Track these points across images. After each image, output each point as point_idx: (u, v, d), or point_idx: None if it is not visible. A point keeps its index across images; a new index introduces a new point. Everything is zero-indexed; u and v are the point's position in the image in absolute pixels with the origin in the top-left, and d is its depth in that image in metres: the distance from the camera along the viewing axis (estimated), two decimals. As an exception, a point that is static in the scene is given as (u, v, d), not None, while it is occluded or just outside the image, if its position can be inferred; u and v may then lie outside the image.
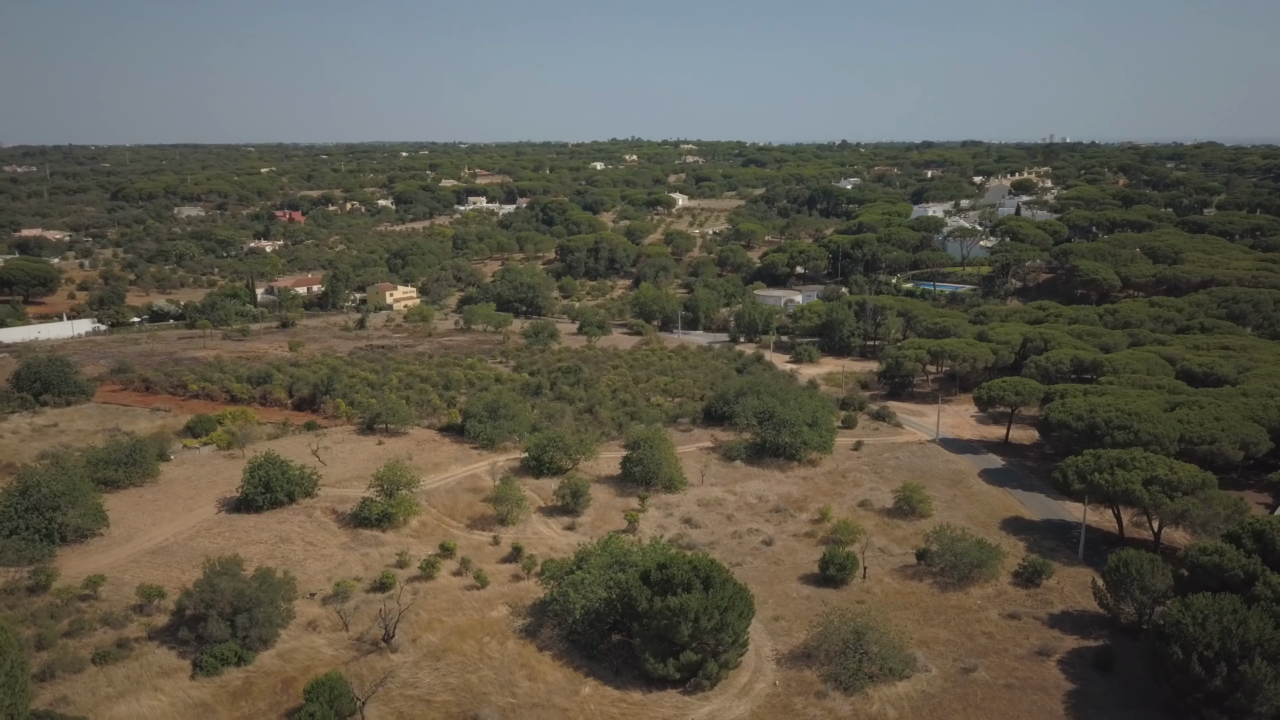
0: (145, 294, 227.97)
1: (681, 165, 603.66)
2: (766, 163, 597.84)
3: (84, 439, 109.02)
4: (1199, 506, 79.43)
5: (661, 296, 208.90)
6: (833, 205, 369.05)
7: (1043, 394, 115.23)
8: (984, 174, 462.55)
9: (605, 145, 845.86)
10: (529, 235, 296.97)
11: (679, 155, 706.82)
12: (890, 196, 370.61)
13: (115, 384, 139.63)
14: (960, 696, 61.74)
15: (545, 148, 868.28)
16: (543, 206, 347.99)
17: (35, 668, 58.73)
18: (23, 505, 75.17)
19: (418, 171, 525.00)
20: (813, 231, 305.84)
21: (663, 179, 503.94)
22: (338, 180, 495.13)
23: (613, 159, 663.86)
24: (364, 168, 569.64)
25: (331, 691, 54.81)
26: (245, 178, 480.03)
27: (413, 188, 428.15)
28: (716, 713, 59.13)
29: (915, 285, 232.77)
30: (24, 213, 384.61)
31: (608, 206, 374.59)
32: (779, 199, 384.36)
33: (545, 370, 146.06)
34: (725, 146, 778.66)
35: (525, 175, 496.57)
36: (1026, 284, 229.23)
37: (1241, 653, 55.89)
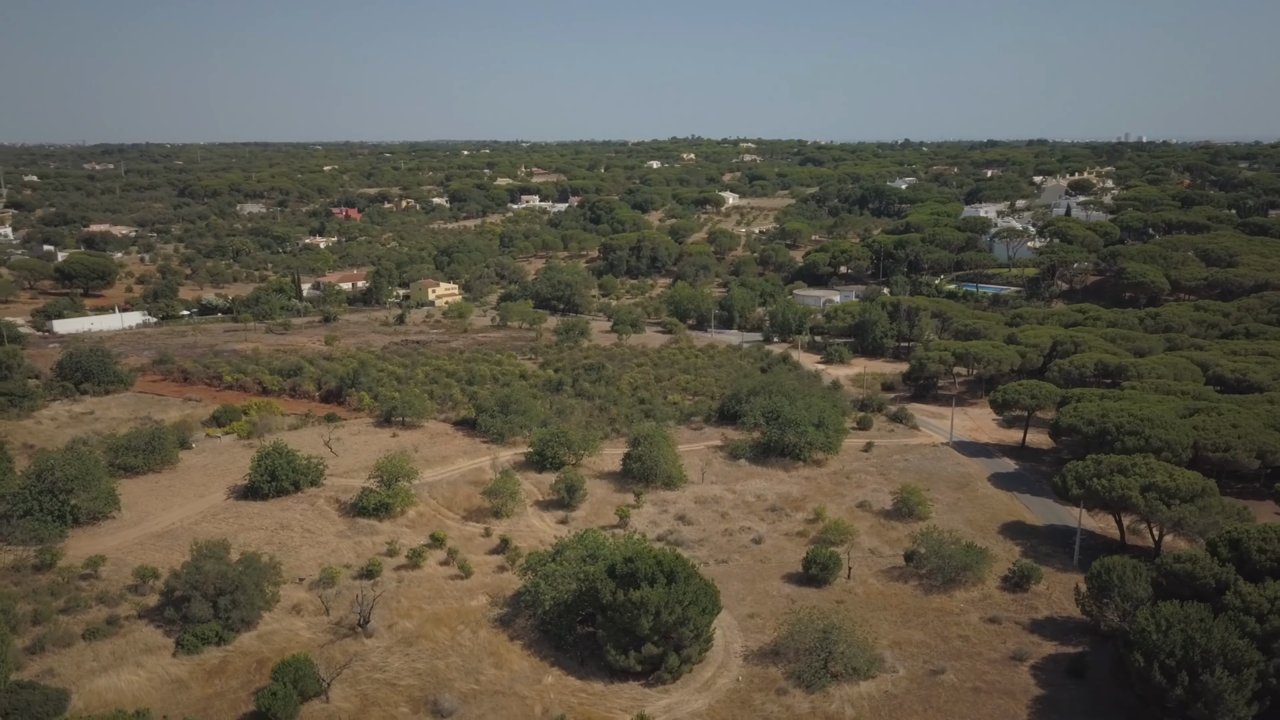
0: (199, 288, 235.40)
1: (739, 164, 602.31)
2: (824, 161, 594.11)
3: (116, 426, 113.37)
4: (1195, 514, 77.91)
5: (697, 295, 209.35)
6: (885, 205, 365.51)
7: (1059, 398, 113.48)
8: (1044, 174, 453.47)
9: (665, 144, 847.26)
10: (574, 233, 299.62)
11: (737, 154, 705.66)
12: (944, 196, 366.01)
13: (156, 374, 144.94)
14: (923, 698, 61.71)
15: (605, 146, 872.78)
16: (591, 205, 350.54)
17: (28, 641, 62.02)
18: (38, 488, 78.97)
19: (475, 170, 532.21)
20: (861, 231, 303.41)
21: (717, 178, 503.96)
22: (397, 178, 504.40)
23: (670, 157, 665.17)
24: (424, 166, 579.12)
25: (297, 672, 56.94)
26: (307, 175, 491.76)
27: (467, 186, 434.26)
28: (674, 705, 59.99)
29: (958, 286, 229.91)
30: (96, 209, 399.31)
31: (657, 205, 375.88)
32: (830, 198, 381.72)
33: (569, 367, 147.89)
34: (784, 145, 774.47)
35: (579, 174, 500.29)
36: (1074, 286, 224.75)
37: (1203, 662, 55.04)
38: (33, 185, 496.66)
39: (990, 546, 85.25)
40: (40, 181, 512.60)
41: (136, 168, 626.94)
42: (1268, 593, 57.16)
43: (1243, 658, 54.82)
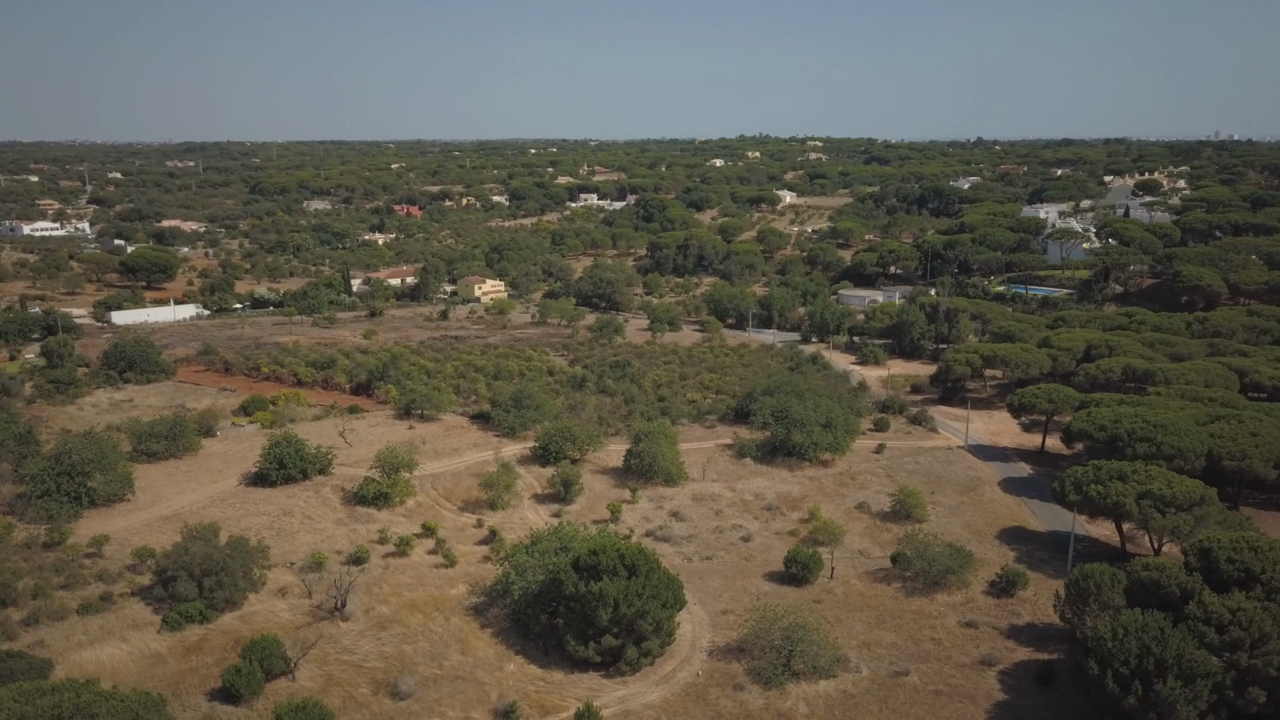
0: (257, 282, 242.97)
1: (803, 162, 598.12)
2: (889, 160, 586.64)
3: (152, 414, 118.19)
4: (1190, 523, 76.27)
5: (736, 294, 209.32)
6: (944, 205, 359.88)
7: (1078, 402, 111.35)
8: (1115, 173, 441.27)
9: (732, 142, 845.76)
10: (624, 231, 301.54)
11: (803, 152, 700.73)
12: (1005, 196, 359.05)
13: (199, 365, 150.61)
14: (880, 699, 61.72)
15: (671, 145, 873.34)
16: (644, 203, 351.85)
17: (25, 613, 65.69)
18: (56, 470, 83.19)
19: (537, 168, 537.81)
20: (916, 231, 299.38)
21: (779, 176, 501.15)
22: (461, 176, 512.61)
23: (735, 155, 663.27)
24: (488, 164, 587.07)
25: (264, 651, 59.39)
26: (374, 173, 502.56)
27: (527, 184, 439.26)
28: (629, 696, 61.02)
29: (1007, 288, 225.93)
30: (171, 205, 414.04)
31: (713, 204, 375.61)
32: (888, 197, 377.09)
33: (596, 364, 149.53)
34: (852, 144, 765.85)
35: (639, 172, 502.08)
36: (1128, 289, 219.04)
37: (1157, 671, 54.18)
38: (115, 182, 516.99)
39: (984, 551, 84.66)
40: (123, 178, 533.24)
41: (215, 165, 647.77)
42: (1230, 603, 55.96)
43: (1197, 668, 53.82)
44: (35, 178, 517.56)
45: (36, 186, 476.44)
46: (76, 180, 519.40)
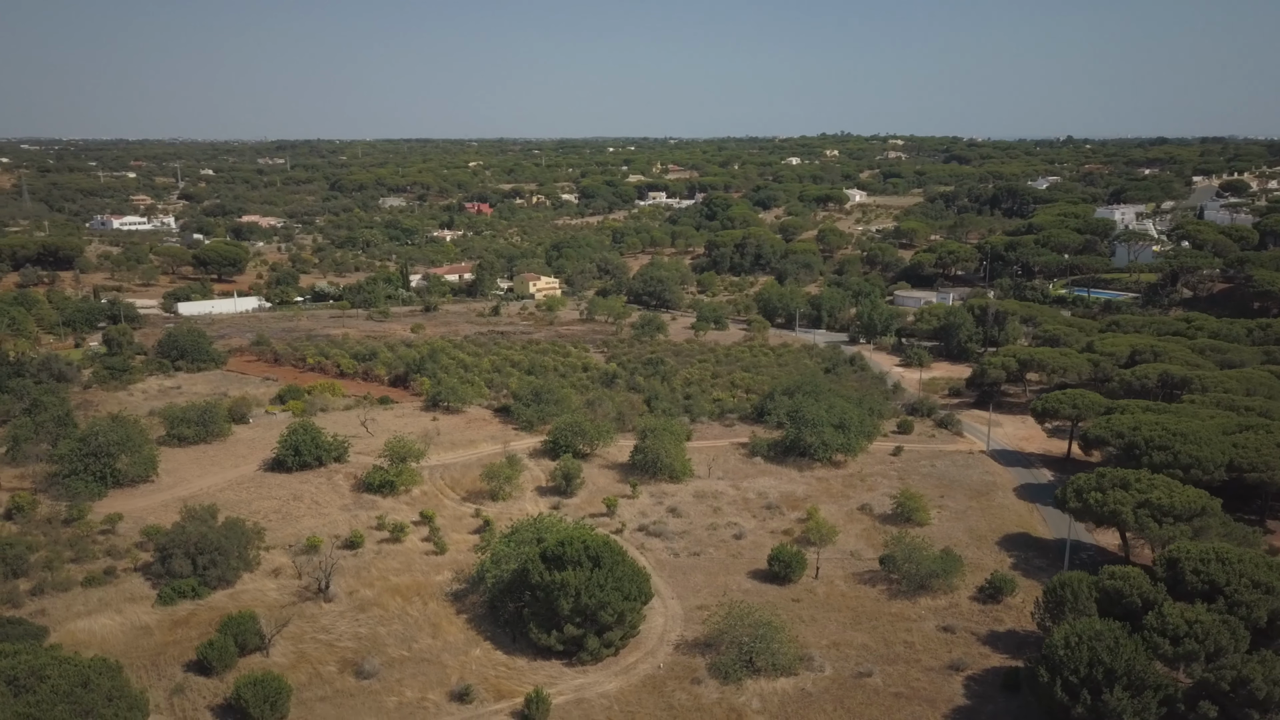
0: (323, 276, 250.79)
1: (881, 161, 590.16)
2: (970, 159, 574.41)
3: (197, 400, 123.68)
4: (1187, 533, 74.25)
5: (787, 294, 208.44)
6: (1018, 205, 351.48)
7: (1103, 408, 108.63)
8: (1205, 173, 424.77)
9: (811, 140, 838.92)
10: (683, 230, 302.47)
11: (882, 150, 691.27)
12: (1084, 196, 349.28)
13: (251, 355, 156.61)
14: (837, 698, 61.82)
15: (751, 143, 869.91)
16: (708, 202, 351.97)
17: (32, 584, 70.05)
18: (83, 451, 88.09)
19: (611, 166, 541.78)
20: (984, 232, 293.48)
21: (854, 174, 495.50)
22: (535, 174, 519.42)
23: (812, 153, 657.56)
24: (564, 162, 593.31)
25: (240, 627, 62.38)
26: (451, 171, 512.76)
27: (597, 183, 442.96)
28: (586, 685, 62.31)
29: (1069, 291, 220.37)
30: (255, 200, 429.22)
31: (780, 202, 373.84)
32: (960, 197, 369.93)
33: (631, 361, 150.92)
34: (934, 142, 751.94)
35: (712, 170, 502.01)
36: (1197, 294, 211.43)
37: (1106, 681, 53.33)
38: (207, 179, 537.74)
39: (980, 557, 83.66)
40: (214, 175, 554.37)
41: (303, 163, 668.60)
42: (1188, 615, 54.69)
43: (1146, 679, 52.82)
44: (133, 174, 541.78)
45: (133, 183, 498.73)
46: (171, 177, 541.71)
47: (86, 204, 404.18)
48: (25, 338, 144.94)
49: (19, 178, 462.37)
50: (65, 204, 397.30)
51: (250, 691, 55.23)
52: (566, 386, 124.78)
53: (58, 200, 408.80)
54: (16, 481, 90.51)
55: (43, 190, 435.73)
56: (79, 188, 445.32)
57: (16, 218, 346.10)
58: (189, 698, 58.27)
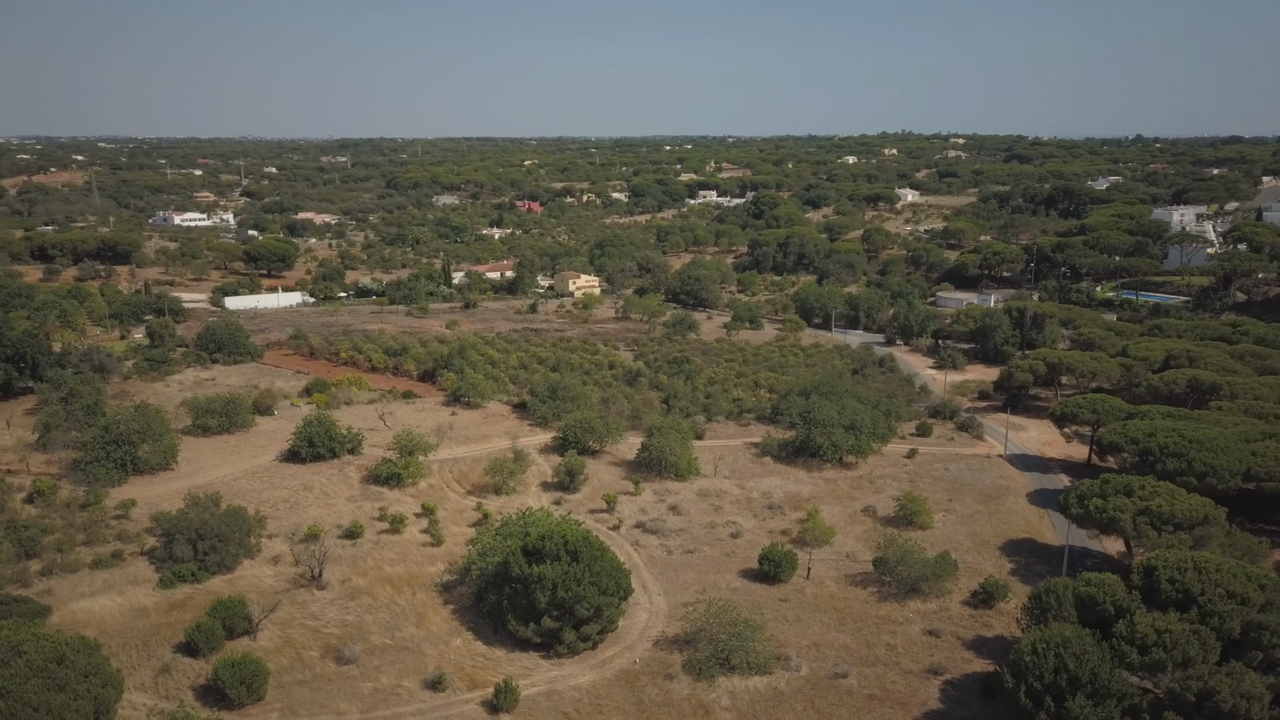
0: (370, 273, 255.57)
1: (940, 160, 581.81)
2: (1032, 158, 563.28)
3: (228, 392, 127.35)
4: (1186, 542, 72.71)
5: (824, 294, 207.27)
6: (1075, 205, 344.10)
7: (1125, 413, 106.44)
8: (1275, 173, 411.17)
9: (871, 138, 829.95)
10: (728, 229, 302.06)
11: (942, 149, 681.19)
12: (1145, 196, 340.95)
13: (288, 349, 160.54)
14: (809, 699, 61.86)
15: (810, 141, 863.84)
16: (756, 200, 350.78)
17: (43, 565, 73.15)
18: (105, 439, 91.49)
19: (664, 165, 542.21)
20: (1036, 232, 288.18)
21: (909, 174, 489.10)
22: (588, 173, 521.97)
23: (870, 152, 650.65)
24: (617, 161, 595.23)
25: (228, 611, 64.48)
26: (506, 169, 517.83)
27: (648, 181, 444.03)
28: (560, 678, 63.20)
29: (1116, 294, 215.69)
30: (314, 198, 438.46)
31: (830, 201, 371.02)
32: (1014, 197, 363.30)
33: (657, 359, 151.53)
34: (995, 141, 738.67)
35: (765, 169, 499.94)
36: (1252, 298, 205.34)
37: (1070, 688, 52.71)
38: (270, 176, 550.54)
39: (979, 561, 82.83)
40: (277, 173, 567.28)
41: (364, 161, 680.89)
42: (1158, 624, 53.71)
43: (1109, 688, 52.09)
44: (199, 171, 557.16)
45: (198, 180, 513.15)
46: (235, 174, 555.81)
47: (152, 200, 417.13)
48: (73, 329, 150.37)
49: (91, 175, 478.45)
50: (132, 200, 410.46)
51: (228, 673, 57.18)
52: (590, 384, 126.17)
53: (125, 197, 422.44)
54: (44, 467, 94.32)
55: (112, 187, 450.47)
56: (147, 184, 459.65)
57: (86, 213, 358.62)
58: (174, 677, 60.45)
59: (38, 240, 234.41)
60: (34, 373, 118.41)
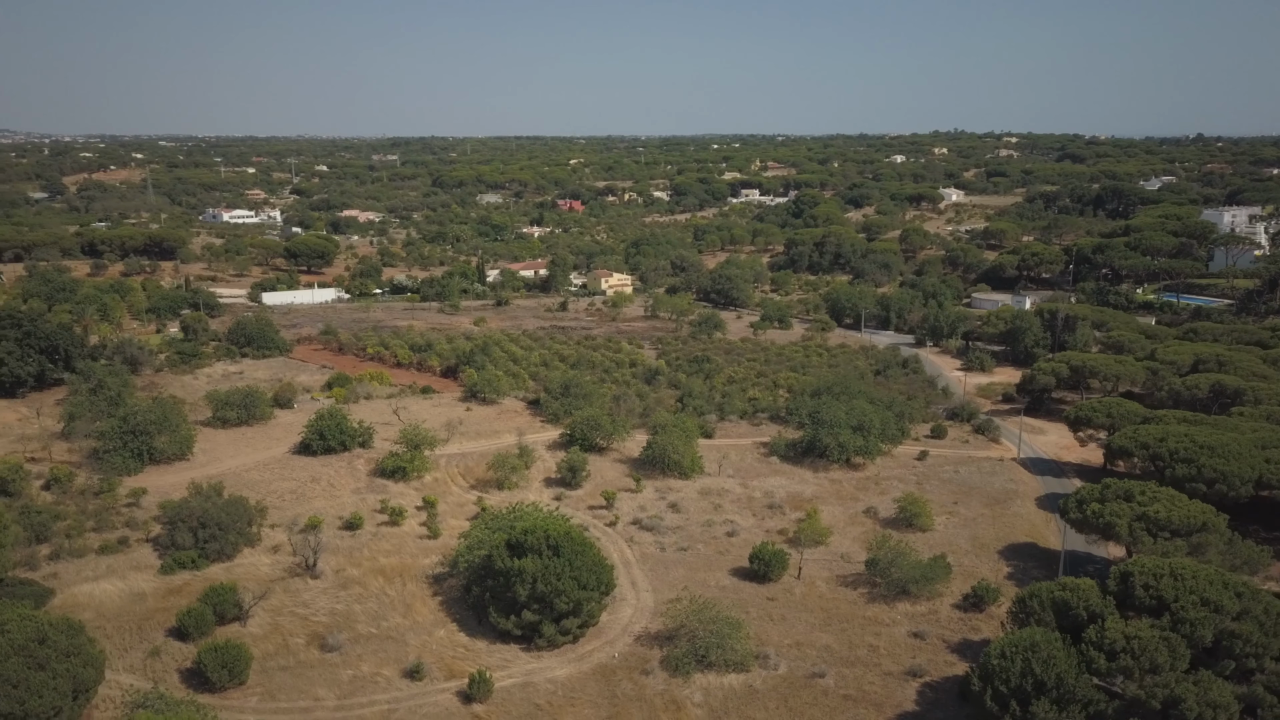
0: (408, 270, 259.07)
1: (991, 159, 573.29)
2: (1085, 158, 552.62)
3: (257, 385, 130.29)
4: (1182, 549, 71.51)
5: (856, 294, 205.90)
6: (1123, 205, 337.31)
7: (1140, 418, 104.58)
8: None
9: (922, 137, 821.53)
10: (764, 228, 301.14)
11: (994, 148, 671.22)
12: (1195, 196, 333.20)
13: (318, 344, 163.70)
14: (783, 697, 61.97)
15: (860, 140, 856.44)
16: (796, 200, 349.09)
17: (51, 549, 75.80)
18: (123, 429, 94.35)
19: (709, 164, 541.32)
20: (1081, 233, 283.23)
21: (957, 173, 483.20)
22: (633, 172, 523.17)
23: (919, 151, 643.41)
24: (662, 160, 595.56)
25: (220, 598, 66.36)
26: (550, 168, 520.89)
27: (690, 180, 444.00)
28: (537, 670, 64.05)
29: (1157, 297, 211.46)
30: (360, 196, 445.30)
31: (872, 201, 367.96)
32: (1061, 197, 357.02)
33: (678, 358, 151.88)
34: (1049, 139, 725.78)
35: (810, 168, 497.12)
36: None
37: (1035, 692, 52.29)
38: (320, 174, 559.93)
39: (976, 565, 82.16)
40: (328, 171, 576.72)
41: (414, 159, 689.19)
42: (1127, 630, 53.03)
43: (1073, 693, 51.58)
44: (252, 169, 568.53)
45: (251, 178, 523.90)
46: (287, 172, 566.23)
47: (205, 198, 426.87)
48: (110, 323, 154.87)
49: (147, 173, 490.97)
50: (185, 197, 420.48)
51: (210, 657, 58.92)
52: (608, 382, 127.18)
53: (179, 194, 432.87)
54: (66, 455, 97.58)
55: (168, 184, 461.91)
56: (200, 182, 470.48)
57: (140, 210, 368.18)
58: (162, 660, 62.39)
59: (88, 236, 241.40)
60: (66, 364, 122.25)
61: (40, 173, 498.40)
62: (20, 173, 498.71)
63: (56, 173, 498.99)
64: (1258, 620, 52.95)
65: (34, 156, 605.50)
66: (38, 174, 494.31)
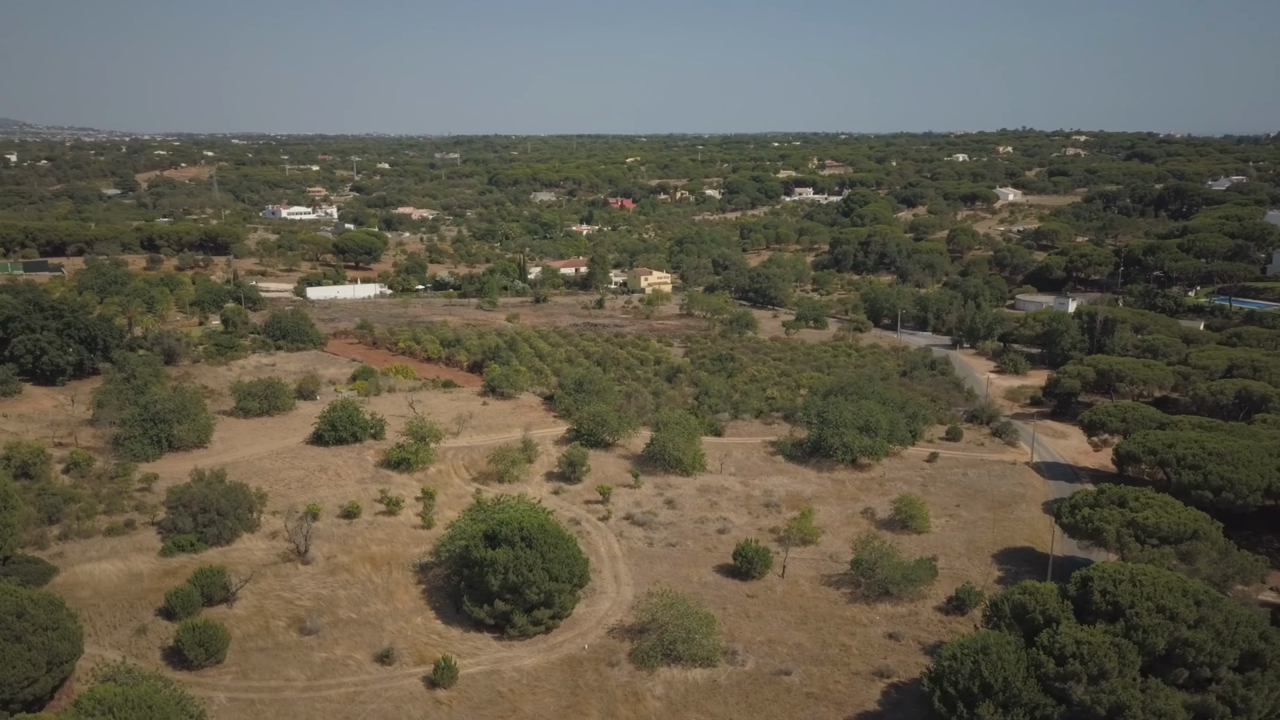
0: (454, 266, 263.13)
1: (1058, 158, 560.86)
2: (1154, 157, 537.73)
3: (286, 377, 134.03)
4: (1170, 557, 70.12)
5: (893, 294, 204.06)
6: (1186, 206, 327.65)
7: (1156, 423, 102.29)
8: None
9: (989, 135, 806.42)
10: (810, 227, 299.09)
11: (1061, 147, 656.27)
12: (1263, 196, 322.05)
13: (352, 338, 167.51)
14: (744, 693, 62.36)
15: (923, 138, 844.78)
16: (847, 198, 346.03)
17: (61, 530, 79.30)
18: (143, 417, 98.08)
19: (765, 163, 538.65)
20: (1140, 234, 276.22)
21: (1019, 172, 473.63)
22: (688, 170, 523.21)
23: (984, 150, 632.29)
24: (719, 158, 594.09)
25: (208, 580, 68.88)
26: (605, 167, 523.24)
27: (744, 178, 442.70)
28: (506, 658, 65.34)
29: (1208, 300, 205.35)
30: (418, 193, 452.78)
31: (926, 200, 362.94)
32: (1122, 198, 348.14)
33: (701, 356, 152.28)
34: (1120, 138, 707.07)
35: (867, 166, 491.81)
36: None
37: (981, 694, 52.00)
38: (382, 172, 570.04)
39: (966, 568, 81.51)
40: (389, 169, 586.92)
41: (475, 157, 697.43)
42: (1078, 635, 52.33)
43: (1018, 696, 51.18)
44: (316, 167, 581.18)
45: (314, 175, 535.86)
46: (350, 170, 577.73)
47: (267, 194, 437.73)
48: (154, 315, 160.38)
49: (214, 170, 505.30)
50: (248, 194, 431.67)
51: (187, 636, 61.31)
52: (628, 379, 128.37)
53: (244, 191, 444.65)
54: (91, 441, 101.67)
55: (234, 181, 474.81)
56: (265, 179, 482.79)
57: (204, 206, 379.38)
58: (147, 638, 65.00)
59: (147, 231, 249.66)
60: (104, 354, 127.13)
61: (115, 170, 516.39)
62: (96, 170, 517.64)
63: (130, 170, 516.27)
64: (1214, 629, 51.85)
65: (111, 154, 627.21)
66: (112, 171, 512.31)
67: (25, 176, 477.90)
